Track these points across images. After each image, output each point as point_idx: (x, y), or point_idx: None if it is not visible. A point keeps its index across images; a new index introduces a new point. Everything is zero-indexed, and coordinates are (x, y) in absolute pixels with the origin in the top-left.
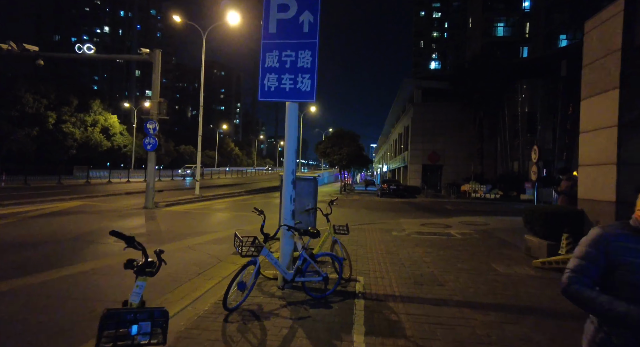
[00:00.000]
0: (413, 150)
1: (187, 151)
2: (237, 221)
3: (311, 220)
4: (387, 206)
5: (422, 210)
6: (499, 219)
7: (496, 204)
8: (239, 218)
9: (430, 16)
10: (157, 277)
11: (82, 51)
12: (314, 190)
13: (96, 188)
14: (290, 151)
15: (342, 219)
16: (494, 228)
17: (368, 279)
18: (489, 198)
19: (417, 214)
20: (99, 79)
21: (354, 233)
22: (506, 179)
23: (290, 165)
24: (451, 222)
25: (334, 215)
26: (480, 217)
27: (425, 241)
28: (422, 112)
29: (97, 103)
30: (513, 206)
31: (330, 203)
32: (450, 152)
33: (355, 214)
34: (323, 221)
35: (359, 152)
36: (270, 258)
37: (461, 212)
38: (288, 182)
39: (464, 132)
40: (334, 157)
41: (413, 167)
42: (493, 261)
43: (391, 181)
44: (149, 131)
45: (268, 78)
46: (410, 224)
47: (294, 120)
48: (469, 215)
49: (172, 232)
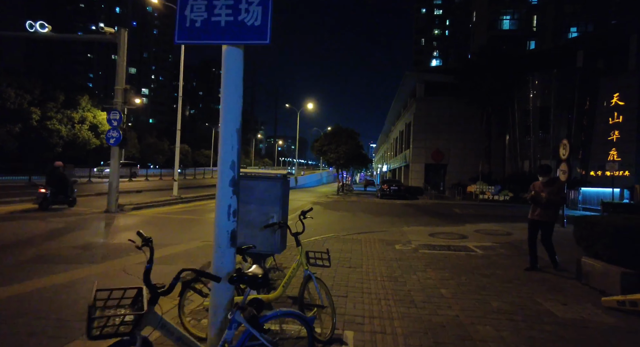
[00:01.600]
0: (415, 149)
1: (182, 150)
2: (209, 228)
3: (275, 241)
4: (388, 209)
5: (427, 214)
6: (522, 227)
7: (508, 207)
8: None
9: (432, 13)
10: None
11: (35, 30)
12: (281, 195)
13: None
14: (228, 130)
15: (335, 226)
16: (520, 240)
17: (362, 335)
18: (498, 200)
19: (423, 219)
20: (93, 76)
21: (347, 246)
22: (516, 180)
23: (228, 154)
24: (465, 231)
25: (327, 221)
26: (498, 225)
27: (439, 259)
28: (425, 107)
29: (86, 99)
30: None
31: (301, 215)
32: (455, 151)
33: (352, 219)
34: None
35: (358, 150)
36: (167, 332)
37: (473, 218)
38: (224, 183)
39: (469, 129)
40: (330, 156)
41: (415, 167)
42: (540, 295)
43: (392, 181)
44: (112, 123)
45: (192, 6)
46: (416, 233)
47: (236, 76)
48: (483, 221)
49: (115, 245)
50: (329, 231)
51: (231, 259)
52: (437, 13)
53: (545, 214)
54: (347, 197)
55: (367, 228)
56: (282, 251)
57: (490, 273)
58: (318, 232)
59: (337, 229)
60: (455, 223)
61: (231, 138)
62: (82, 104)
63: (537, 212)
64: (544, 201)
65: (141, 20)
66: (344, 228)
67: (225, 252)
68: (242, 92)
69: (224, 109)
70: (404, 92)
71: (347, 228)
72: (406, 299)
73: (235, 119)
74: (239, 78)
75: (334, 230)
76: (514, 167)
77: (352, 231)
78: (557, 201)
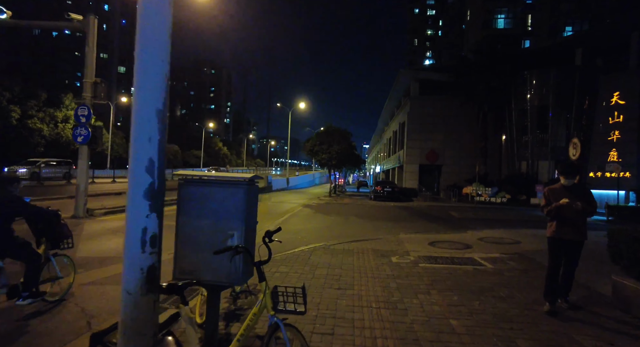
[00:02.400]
0: (409, 149)
1: (170, 150)
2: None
3: (236, 268)
4: (382, 213)
5: (424, 218)
6: (529, 234)
7: (507, 210)
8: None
9: (425, 14)
10: None
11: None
12: (244, 206)
13: (45, 190)
14: (144, 112)
15: (325, 233)
16: (532, 250)
17: None
18: (494, 202)
19: (420, 224)
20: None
21: (337, 260)
22: (513, 181)
23: (143, 148)
24: (468, 239)
25: (316, 227)
26: (502, 231)
27: (444, 277)
28: (419, 106)
29: (70, 97)
30: (531, 213)
31: (266, 238)
32: (450, 151)
33: (344, 224)
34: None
35: (350, 151)
36: None
37: (473, 223)
38: (137, 193)
39: (465, 129)
40: (322, 156)
41: (409, 168)
42: (576, 330)
43: (385, 182)
44: (79, 119)
45: None
46: (414, 241)
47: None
48: (485, 226)
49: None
50: (318, 238)
51: (148, 309)
52: (430, 13)
53: (579, 230)
54: (340, 199)
55: (359, 235)
56: (246, 281)
57: (507, 295)
58: (305, 241)
59: (327, 236)
60: (456, 229)
61: (148, 124)
62: (65, 102)
63: (567, 228)
64: (579, 212)
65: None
66: (334, 235)
67: (137, 302)
68: (169, 53)
69: (137, 80)
70: (398, 91)
71: (338, 235)
72: (409, 337)
73: (156, 94)
74: (164, 31)
75: (324, 237)
76: (511, 168)
77: (343, 238)
78: (592, 212)
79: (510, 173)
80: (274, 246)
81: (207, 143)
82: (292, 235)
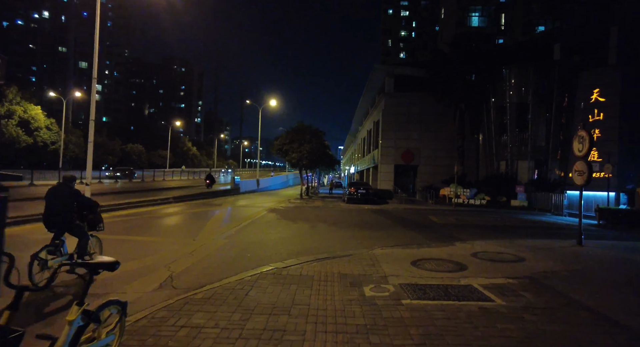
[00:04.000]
0: (384, 148)
1: (134, 150)
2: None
3: None
4: (355, 218)
5: (401, 224)
6: (530, 247)
7: (489, 213)
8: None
9: (398, 14)
10: None
11: None
12: None
13: None
14: None
15: (283, 247)
16: (544, 272)
17: None
18: (474, 205)
19: (398, 232)
20: (37, 69)
21: (287, 295)
22: (492, 182)
23: None
24: (459, 254)
25: (275, 239)
26: (496, 242)
27: (441, 328)
28: (394, 103)
29: (14, 91)
30: (516, 217)
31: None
32: (426, 151)
33: (309, 234)
34: None
35: (323, 150)
36: None
37: (457, 230)
38: None
39: (442, 127)
40: (292, 156)
41: (384, 168)
42: None
43: (359, 183)
44: None
45: None
46: (393, 259)
47: None
48: (474, 235)
49: None
50: (272, 257)
51: None
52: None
53: None
54: (311, 201)
55: (326, 249)
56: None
57: None
58: (255, 260)
59: (285, 252)
60: (441, 240)
61: None
62: (9, 96)
63: None
64: None
65: (93, 10)
66: (294, 250)
67: None
68: None
69: None
70: (372, 88)
71: (299, 251)
72: None
73: None
74: None
75: (279, 255)
76: (489, 168)
77: (305, 255)
78: None
79: (488, 174)
80: (201, 273)
81: (175, 143)
82: (239, 252)
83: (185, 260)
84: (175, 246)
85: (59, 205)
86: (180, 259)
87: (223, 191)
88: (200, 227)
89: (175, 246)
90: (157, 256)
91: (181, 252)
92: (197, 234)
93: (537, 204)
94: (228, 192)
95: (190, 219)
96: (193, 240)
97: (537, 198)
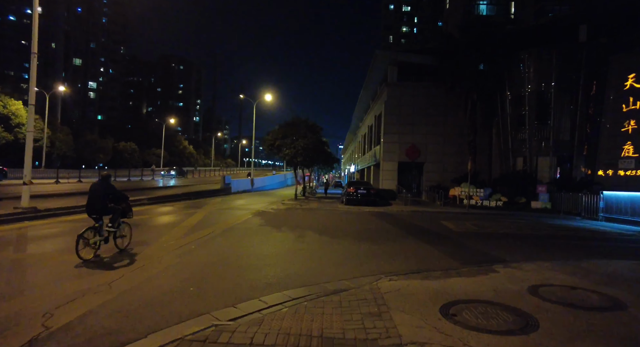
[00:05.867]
0: (387, 144)
1: (126, 149)
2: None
3: None
4: (354, 224)
5: (411, 233)
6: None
7: (510, 217)
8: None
9: (400, 10)
10: None
11: None
12: None
13: None
14: None
15: (254, 272)
16: None
17: None
18: (488, 206)
19: (409, 247)
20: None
21: None
22: (509, 181)
23: None
24: (510, 289)
25: (247, 255)
26: (553, 265)
27: None
28: (398, 94)
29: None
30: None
31: None
32: (433, 146)
33: (291, 249)
34: None
35: (321, 147)
36: None
37: (484, 241)
38: None
39: (450, 120)
40: (285, 152)
41: (387, 166)
42: None
43: (359, 183)
44: None
45: None
46: (412, 306)
47: None
48: (511, 250)
49: None
50: (226, 291)
51: None
52: (405, 10)
53: None
54: (305, 203)
55: (309, 276)
56: None
57: None
58: (195, 300)
59: (249, 282)
60: (470, 259)
61: None
62: None
63: None
64: None
65: (88, 6)
66: (263, 279)
67: None
68: None
69: None
70: (374, 79)
71: (270, 278)
72: None
73: None
74: None
75: (239, 286)
76: (504, 165)
77: (276, 286)
78: None
79: (503, 172)
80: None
81: (171, 141)
82: (183, 282)
83: (89, 299)
84: (98, 270)
85: (97, 196)
86: (82, 298)
87: (211, 191)
88: (155, 238)
89: (97, 271)
90: (49, 291)
91: (97, 281)
92: (144, 249)
93: (562, 206)
94: (217, 192)
95: (150, 226)
96: (133, 259)
97: (561, 199)
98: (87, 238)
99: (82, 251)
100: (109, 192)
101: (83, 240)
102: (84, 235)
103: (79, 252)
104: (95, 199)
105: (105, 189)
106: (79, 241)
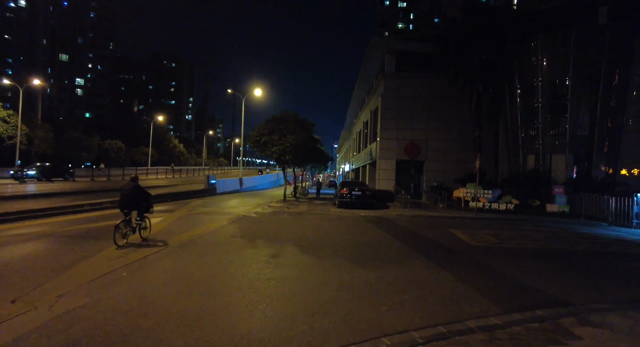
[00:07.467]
0: (384, 141)
1: (112, 147)
2: None
3: None
4: (346, 235)
5: (419, 249)
6: None
7: (527, 223)
8: None
9: (395, 6)
10: None
11: None
12: None
13: None
14: None
15: (169, 335)
16: None
17: None
18: (498, 210)
19: (419, 275)
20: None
21: None
22: (519, 181)
23: None
24: None
25: (191, 294)
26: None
27: None
28: (396, 86)
29: None
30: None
31: None
32: (434, 143)
33: (259, 278)
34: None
35: (312, 144)
36: None
37: (516, 264)
38: None
39: (454, 114)
40: (272, 149)
41: (383, 164)
42: None
43: (354, 183)
44: None
45: None
46: None
47: None
48: (564, 282)
49: None
50: None
51: None
52: (400, 5)
53: None
54: (294, 205)
55: (264, 342)
56: None
57: None
58: None
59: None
60: (513, 301)
61: None
62: None
63: None
64: None
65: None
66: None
67: None
68: None
69: None
70: (370, 70)
71: (207, 343)
72: None
73: None
74: None
75: None
76: (513, 164)
77: None
78: None
79: (513, 171)
80: None
81: (160, 140)
82: None
83: None
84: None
85: (128, 195)
86: None
87: (192, 192)
88: (74, 261)
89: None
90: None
91: None
92: (46, 282)
93: (582, 210)
94: (199, 193)
95: (83, 239)
96: (10, 302)
97: (581, 202)
98: (121, 228)
99: (117, 238)
100: (137, 191)
101: (118, 230)
102: (119, 226)
103: (116, 240)
104: (127, 197)
105: (133, 188)
106: (115, 230)
